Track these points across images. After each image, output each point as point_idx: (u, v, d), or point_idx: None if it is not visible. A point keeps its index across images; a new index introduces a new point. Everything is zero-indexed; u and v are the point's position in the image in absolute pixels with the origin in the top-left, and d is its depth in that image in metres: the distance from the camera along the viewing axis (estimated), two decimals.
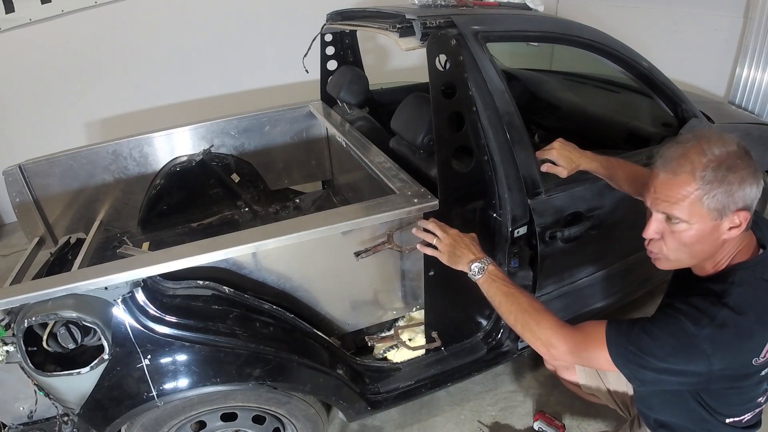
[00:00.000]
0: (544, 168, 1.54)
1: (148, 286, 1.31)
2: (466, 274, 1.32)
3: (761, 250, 1.11)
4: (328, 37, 2.43)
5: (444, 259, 1.35)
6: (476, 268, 1.28)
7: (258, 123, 2.48)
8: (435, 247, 1.37)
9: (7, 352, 1.22)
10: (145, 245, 2.16)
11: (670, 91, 1.90)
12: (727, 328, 1.00)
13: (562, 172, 1.51)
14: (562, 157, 1.51)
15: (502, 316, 1.25)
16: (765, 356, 1.06)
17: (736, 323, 1.01)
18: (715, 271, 1.11)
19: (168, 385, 1.31)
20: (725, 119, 2.26)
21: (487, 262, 1.29)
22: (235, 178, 2.53)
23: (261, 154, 2.55)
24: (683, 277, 1.22)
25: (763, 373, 1.10)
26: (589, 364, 1.20)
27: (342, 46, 2.50)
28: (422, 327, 1.70)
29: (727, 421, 1.20)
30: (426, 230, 1.41)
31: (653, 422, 1.35)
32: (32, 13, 3.25)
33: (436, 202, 1.46)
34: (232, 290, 1.38)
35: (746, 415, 1.21)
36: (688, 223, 1.03)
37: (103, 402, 1.30)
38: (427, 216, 1.47)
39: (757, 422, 1.25)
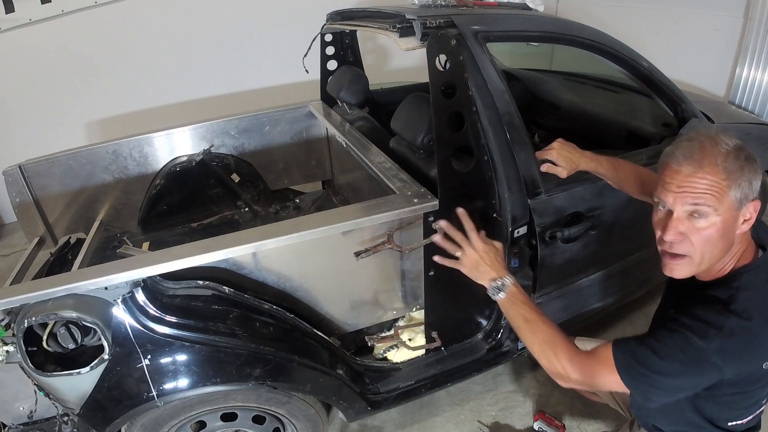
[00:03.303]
0: (544, 168, 1.54)
1: (148, 286, 1.31)
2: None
3: (761, 252, 1.10)
4: (328, 37, 2.43)
5: (465, 272, 1.31)
6: (496, 287, 1.25)
7: (258, 123, 2.48)
8: (455, 257, 1.31)
9: (7, 352, 1.22)
10: (145, 245, 2.16)
11: (670, 91, 1.90)
12: (735, 337, 0.99)
13: (562, 173, 1.51)
14: (561, 158, 1.51)
15: (519, 336, 1.23)
16: None
17: (745, 330, 0.99)
18: (720, 274, 1.10)
19: (168, 385, 1.31)
20: (725, 119, 2.26)
21: (508, 282, 1.24)
22: (235, 178, 2.53)
23: (261, 154, 2.55)
24: (682, 284, 1.20)
25: None
26: (604, 389, 1.18)
27: (342, 46, 2.50)
28: (422, 327, 1.70)
29: (729, 424, 1.20)
30: (447, 237, 1.34)
31: (651, 426, 1.35)
32: (32, 13, 3.25)
33: (436, 202, 1.46)
34: (232, 290, 1.38)
35: (747, 418, 1.21)
36: (717, 213, 1.00)
37: (103, 402, 1.30)
38: (427, 216, 1.47)
39: (756, 424, 1.25)
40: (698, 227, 1.02)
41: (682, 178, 1.02)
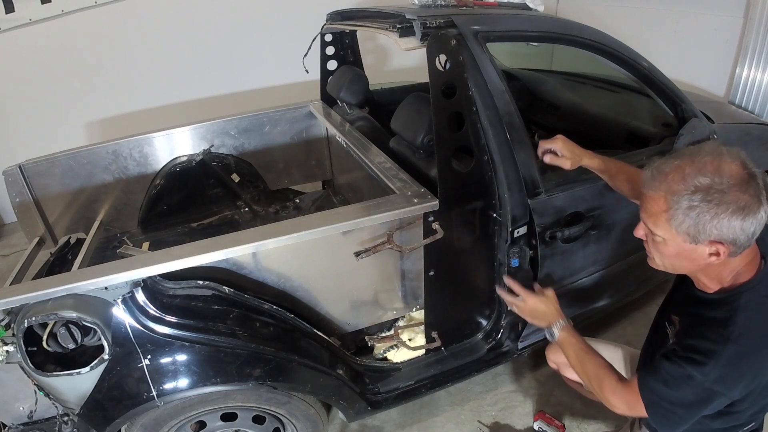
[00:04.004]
0: (548, 159, 1.52)
1: (148, 286, 1.31)
2: (465, 271, 1.36)
3: (762, 262, 1.09)
4: (328, 37, 2.43)
5: (524, 317, 1.50)
6: (550, 332, 1.40)
7: (258, 123, 2.48)
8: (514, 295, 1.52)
9: (7, 352, 1.22)
10: (145, 245, 2.16)
11: (670, 91, 1.90)
12: (733, 363, 1.01)
13: (566, 163, 1.50)
14: (566, 148, 1.50)
15: (573, 370, 1.37)
16: None
17: (744, 355, 1.01)
18: (720, 288, 1.10)
19: (168, 385, 1.31)
20: (725, 119, 2.26)
21: (560, 326, 1.39)
22: (235, 178, 2.53)
23: (261, 154, 2.55)
24: (685, 289, 1.21)
25: None
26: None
27: (342, 46, 2.50)
28: (422, 327, 1.70)
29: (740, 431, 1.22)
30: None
31: (653, 428, 1.35)
32: (32, 13, 3.25)
33: (436, 202, 1.46)
34: (232, 290, 1.38)
35: (753, 421, 1.22)
36: (662, 237, 1.05)
37: (103, 402, 1.30)
38: (427, 216, 1.47)
39: (758, 426, 1.26)
40: (653, 239, 1.10)
41: (643, 194, 1.09)
